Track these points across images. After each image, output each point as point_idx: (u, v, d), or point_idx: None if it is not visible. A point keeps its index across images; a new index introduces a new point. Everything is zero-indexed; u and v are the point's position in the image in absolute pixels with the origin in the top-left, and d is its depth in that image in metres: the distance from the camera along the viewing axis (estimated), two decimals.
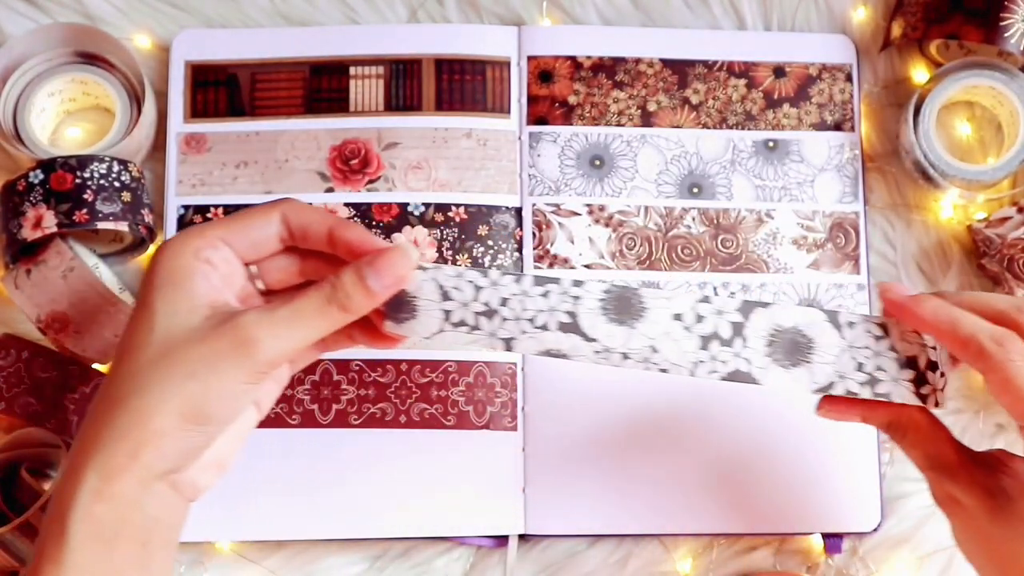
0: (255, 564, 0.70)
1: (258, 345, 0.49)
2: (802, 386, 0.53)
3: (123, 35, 0.74)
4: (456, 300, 0.53)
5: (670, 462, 0.70)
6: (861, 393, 0.54)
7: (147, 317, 0.50)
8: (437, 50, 0.74)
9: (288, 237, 0.53)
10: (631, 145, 0.74)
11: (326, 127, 0.73)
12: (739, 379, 0.53)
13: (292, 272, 0.55)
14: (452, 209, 0.72)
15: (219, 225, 0.52)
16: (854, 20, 0.76)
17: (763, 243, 0.73)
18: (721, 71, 0.75)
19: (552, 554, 0.70)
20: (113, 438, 0.48)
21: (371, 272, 0.51)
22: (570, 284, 0.53)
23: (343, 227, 0.53)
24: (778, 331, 0.54)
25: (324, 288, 0.51)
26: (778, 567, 0.70)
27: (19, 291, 0.67)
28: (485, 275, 0.53)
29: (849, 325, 0.54)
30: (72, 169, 0.67)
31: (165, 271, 0.51)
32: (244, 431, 0.55)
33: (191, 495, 0.51)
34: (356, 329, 0.56)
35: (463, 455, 0.69)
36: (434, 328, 0.53)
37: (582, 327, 0.53)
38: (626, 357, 0.53)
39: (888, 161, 0.75)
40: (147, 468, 0.48)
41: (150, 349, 0.49)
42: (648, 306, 0.53)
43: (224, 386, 0.49)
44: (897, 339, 0.54)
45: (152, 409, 0.48)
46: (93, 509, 0.48)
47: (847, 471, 0.70)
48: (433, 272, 0.53)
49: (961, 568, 0.69)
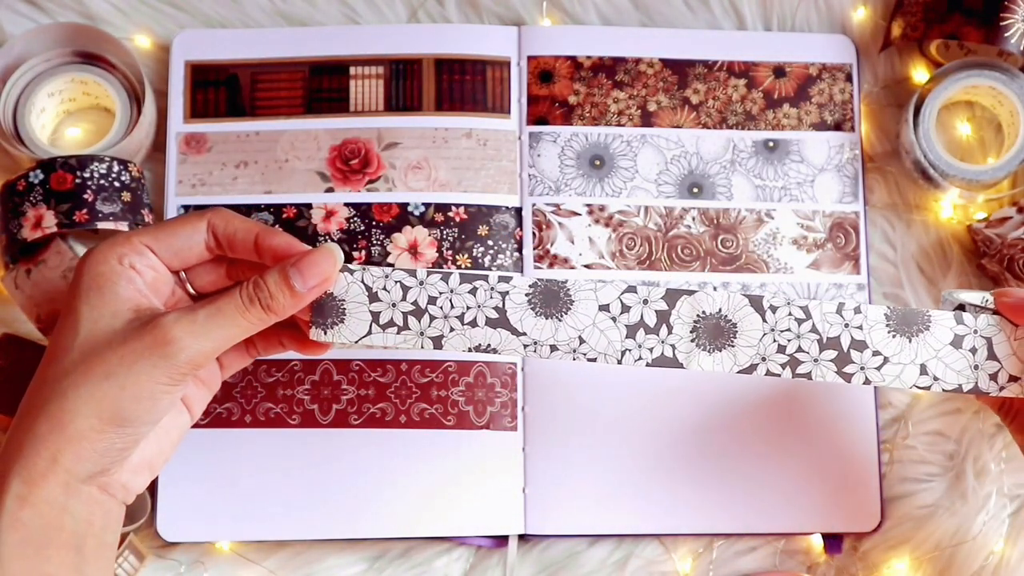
0: (255, 564, 0.70)
1: (177, 345, 0.49)
2: (725, 368, 0.55)
3: (123, 35, 0.74)
4: (384, 301, 0.53)
5: (670, 462, 0.70)
6: (783, 374, 0.54)
7: (71, 323, 0.50)
8: (437, 50, 0.74)
9: (216, 246, 0.54)
10: (631, 145, 0.74)
11: (326, 127, 0.73)
12: (665, 364, 0.54)
13: (221, 280, 0.55)
14: (452, 209, 0.72)
15: (145, 232, 0.52)
16: (854, 20, 0.76)
17: (763, 243, 0.73)
18: (721, 71, 0.75)
19: (552, 554, 0.70)
20: (34, 444, 0.49)
21: (295, 272, 0.51)
22: (497, 280, 0.54)
23: (269, 234, 0.53)
24: (702, 317, 0.54)
25: (247, 288, 0.51)
26: (778, 567, 0.70)
27: (19, 291, 0.67)
28: (413, 275, 0.54)
29: (772, 309, 0.55)
30: (72, 169, 0.67)
31: (89, 277, 0.51)
32: (175, 433, 0.55)
33: (123, 497, 0.52)
34: (285, 335, 0.56)
35: (463, 455, 0.69)
36: (362, 331, 0.54)
37: (511, 322, 0.54)
38: (554, 349, 0.54)
39: (888, 161, 0.75)
40: (69, 472, 0.49)
41: (72, 353, 0.50)
42: (575, 299, 0.54)
43: (142, 387, 0.49)
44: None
45: (71, 413, 0.48)
46: (20, 515, 0.48)
47: (847, 471, 0.70)
48: (360, 273, 0.53)
49: (961, 568, 0.70)
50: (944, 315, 0.55)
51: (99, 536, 0.50)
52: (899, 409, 0.72)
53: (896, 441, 0.72)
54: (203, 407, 0.56)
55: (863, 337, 0.55)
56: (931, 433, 0.72)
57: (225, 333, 0.50)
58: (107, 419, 0.48)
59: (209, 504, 0.68)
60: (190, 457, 0.68)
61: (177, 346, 0.49)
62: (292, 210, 0.72)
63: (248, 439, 0.69)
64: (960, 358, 0.55)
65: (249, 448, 0.69)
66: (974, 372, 0.55)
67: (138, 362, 0.49)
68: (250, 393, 0.70)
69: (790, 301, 0.55)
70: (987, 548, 0.70)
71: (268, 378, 0.70)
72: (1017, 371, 0.55)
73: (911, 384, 0.55)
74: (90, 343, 0.49)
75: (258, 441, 0.69)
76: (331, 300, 0.53)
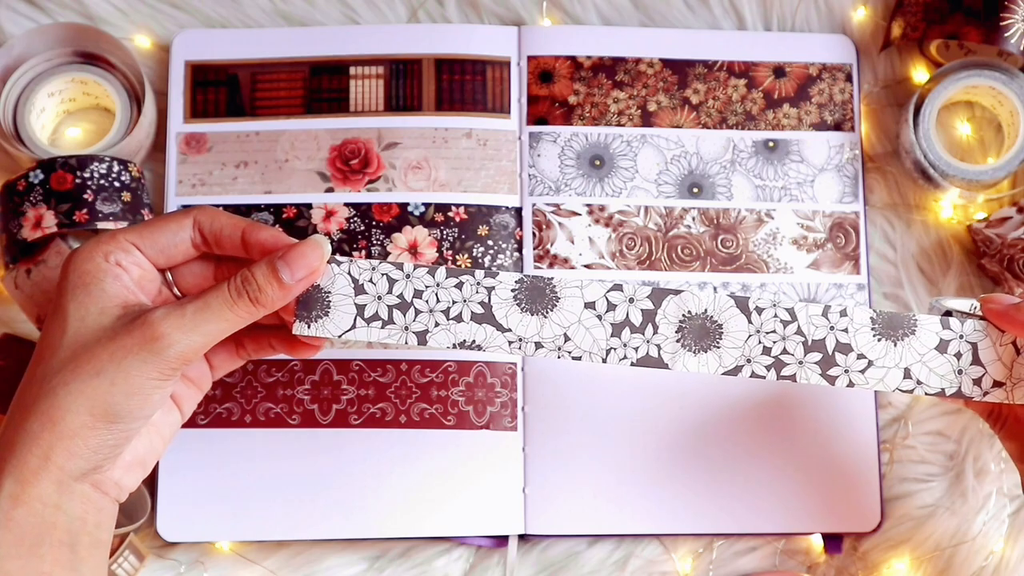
0: (255, 564, 0.70)
1: (166, 340, 0.49)
2: (710, 370, 0.54)
3: (123, 35, 0.74)
4: (370, 293, 0.53)
5: (670, 462, 0.70)
6: (767, 376, 0.54)
7: (59, 321, 0.50)
8: (437, 50, 0.74)
9: (202, 243, 0.54)
10: (631, 145, 0.74)
11: (326, 127, 0.73)
12: (650, 364, 0.54)
13: (208, 277, 0.55)
14: (452, 209, 0.72)
15: (131, 231, 0.52)
16: (854, 20, 0.76)
17: (763, 243, 0.73)
18: (721, 71, 0.75)
19: (552, 554, 0.70)
20: (26, 442, 0.49)
21: (283, 264, 0.51)
22: (483, 276, 0.54)
23: (255, 229, 0.53)
24: (688, 317, 0.54)
25: (235, 282, 0.51)
26: (778, 567, 0.70)
27: (19, 291, 0.67)
28: (400, 268, 0.54)
29: (757, 311, 0.55)
30: (72, 169, 0.67)
31: (76, 275, 0.51)
32: (166, 431, 0.55)
33: (116, 495, 0.52)
34: (275, 338, 0.56)
35: (463, 455, 0.69)
36: (346, 325, 0.54)
37: (496, 318, 0.54)
38: (539, 346, 0.54)
39: (888, 161, 0.75)
40: (62, 469, 0.49)
41: (61, 351, 0.50)
42: (561, 296, 0.54)
43: (132, 382, 0.49)
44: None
45: (62, 410, 0.48)
46: (13, 514, 0.48)
47: (847, 471, 0.70)
48: (347, 265, 0.53)
49: (961, 568, 0.70)
50: (931, 319, 0.55)
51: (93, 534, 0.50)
52: (899, 409, 0.72)
53: (896, 441, 0.72)
54: (194, 406, 0.56)
55: (848, 340, 0.55)
56: (931, 433, 0.72)
57: (214, 327, 0.50)
58: (99, 415, 0.48)
59: (209, 504, 0.68)
60: (190, 457, 0.68)
61: (166, 341, 0.49)
62: (292, 210, 0.72)
63: (248, 439, 0.69)
64: (944, 362, 0.55)
65: (249, 448, 0.69)
66: (958, 377, 0.55)
67: (127, 358, 0.49)
68: (250, 393, 0.70)
69: (776, 303, 0.55)
70: (987, 548, 0.70)
71: (268, 378, 0.70)
72: (1002, 376, 0.55)
73: (894, 388, 0.55)
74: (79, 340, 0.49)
75: (258, 441, 0.69)
76: (317, 292, 0.53)
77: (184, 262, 0.54)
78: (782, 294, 0.72)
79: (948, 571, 0.70)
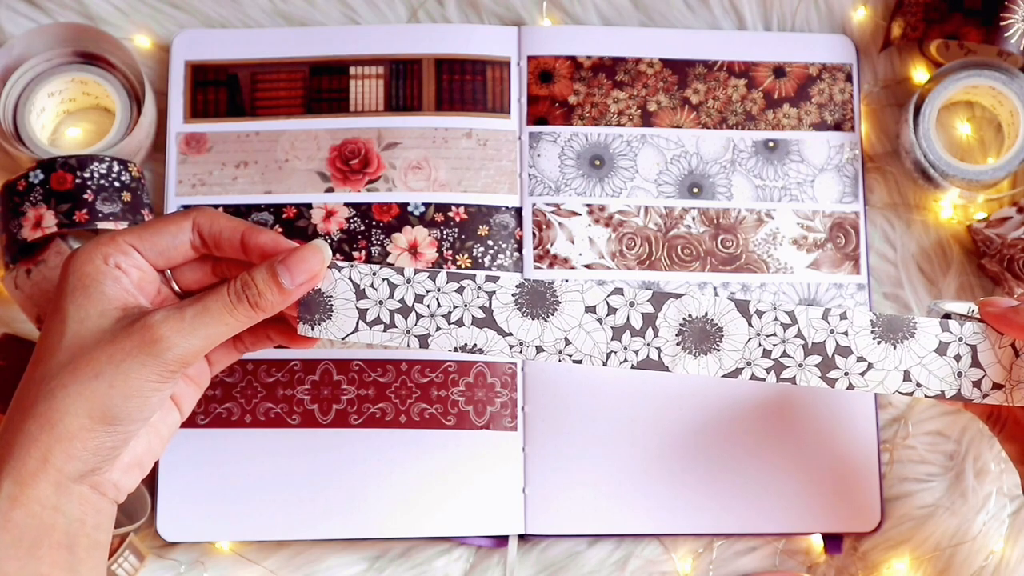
0: (255, 564, 0.70)
1: (165, 343, 0.49)
2: (710, 372, 0.55)
3: (123, 35, 0.74)
4: (371, 298, 0.53)
5: (670, 462, 0.70)
6: (767, 379, 0.55)
7: (58, 323, 0.50)
8: (437, 50, 0.74)
9: (201, 245, 0.54)
10: (631, 145, 0.74)
11: (326, 127, 0.73)
12: (650, 367, 0.54)
13: (206, 278, 0.55)
14: (452, 209, 0.72)
15: (130, 232, 0.52)
16: (854, 20, 0.76)
17: (763, 243, 0.73)
18: (721, 71, 0.75)
19: (552, 554, 0.70)
20: (24, 444, 0.49)
21: (283, 269, 0.51)
22: (484, 280, 0.54)
23: (255, 232, 0.53)
24: (688, 320, 0.55)
25: (234, 286, 0.51)
26: (778, 567, 0.70)
27: (19, 291, 0.67)
28: (401, 272, 0.54)
29: (758, 314, 0.55)
30: (72, 169, 0.67)
31: (75, 277, 0.51)
32: (165, 431, 0.55)
33: (115, 496, 0.52)
34: (272, 329, 0.56)
35: (463, 455, 0.69)
36: (349, 328, 0.54)
37: (497, 322, 0.54)
38: (540, 350, 0.54)
39: (888, 161, 0.75)
40: (60, 471, 0.49)
41: (60, 353, 0.50)
42: (562, 299, 0.54)
43: (131, 385, 0.49)
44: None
45: (60, 412, 0.48)
46: (11, 515, 0.48)
47: (847, 471, 0.70)
48: (348, 270, 0.53)
49: (961, 568, 0.70)
50: (930, 322, 0.55)
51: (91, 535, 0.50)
52: (899, 409, 0.72)
53: (896, 441, 0.72)
54: (192, 405, 0.56)
55: (848, 343, 0.55)
56: (931, 433, 0.72)
57: (213, 331, 0.50)
58: (97, 418, 0.48)
59: (209, 504, 0.68)
60: (190, 457, 0.68)
61: (165, 344, 0.49)
62: (292, 210, 0.72)
63: (248, 439, 0.69)
64: (944, 365, 0.55)
65: (249, 448, 0.69)
66: (957, 379, 0.55)
67: (126, 360, 0.49)
68: (250, 393, 0.70)
69: (776, 306, 0.55)
70: (987, 548, 0.70)
71: (268, 378, 0.70)
72: (1001, 379, 0.55)
73: (893, 390, 0.55)
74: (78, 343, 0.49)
75: (258, 441, 0.69)
76: (318, 296, 0.53)
77: (183, 263, 0.54)
78: (782, 294, 0.72)
79: (948, 571, 0.70)
